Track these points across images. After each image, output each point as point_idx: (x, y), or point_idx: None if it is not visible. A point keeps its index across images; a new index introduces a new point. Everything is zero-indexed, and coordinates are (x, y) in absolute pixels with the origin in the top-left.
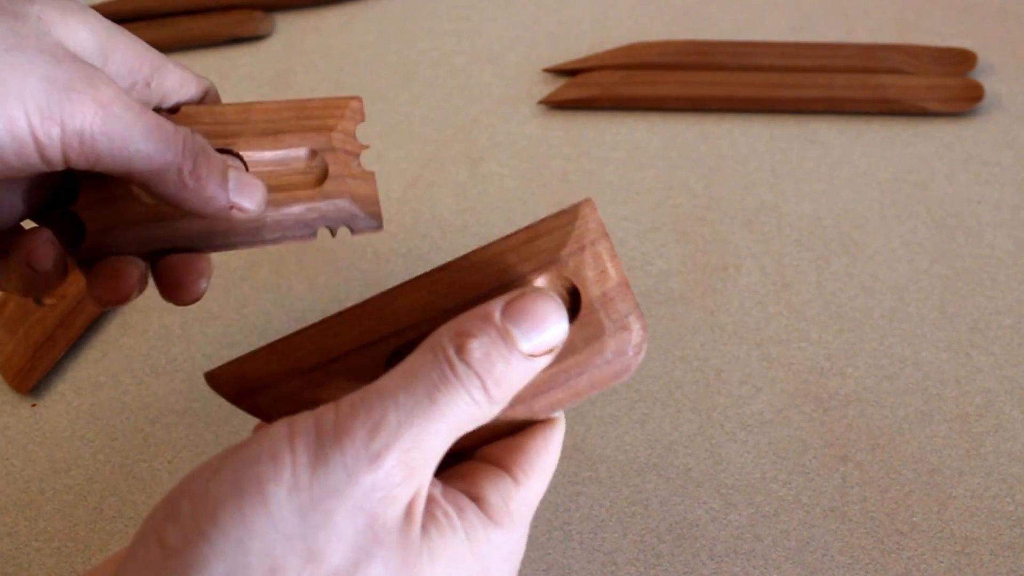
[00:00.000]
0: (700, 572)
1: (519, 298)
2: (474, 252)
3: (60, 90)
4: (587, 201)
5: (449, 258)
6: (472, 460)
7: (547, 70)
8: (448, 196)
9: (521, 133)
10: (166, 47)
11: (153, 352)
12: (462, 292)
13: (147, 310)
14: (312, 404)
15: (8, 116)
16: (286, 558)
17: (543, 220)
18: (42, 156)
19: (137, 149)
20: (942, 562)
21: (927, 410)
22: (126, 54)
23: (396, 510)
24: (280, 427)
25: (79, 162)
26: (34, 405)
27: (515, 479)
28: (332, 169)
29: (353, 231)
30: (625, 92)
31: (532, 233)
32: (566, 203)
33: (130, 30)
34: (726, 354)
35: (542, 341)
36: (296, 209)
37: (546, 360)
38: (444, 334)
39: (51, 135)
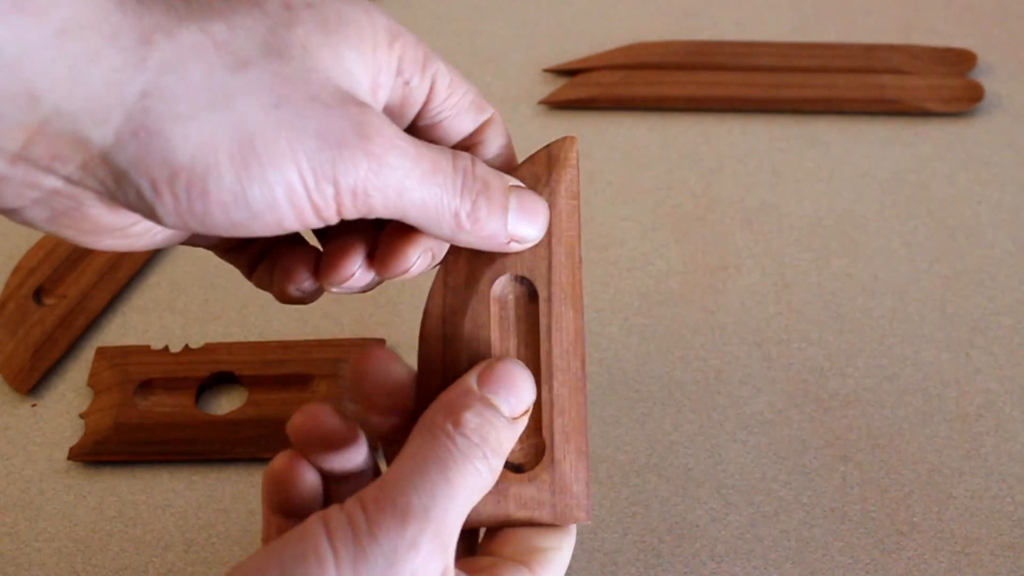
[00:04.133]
0: (700, 572)
1: (488, 367)
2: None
3: (332, 146)
4: None
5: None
6: (489, 555)
7: (547, 70)
8: None
9: (521, 133)
10: None
11: None
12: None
13: (147, 310)
14: None
15: (287, 183)
16: None
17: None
18: (319, 216)
19: (411, 198)
20: (942, 562)
21: (927, 410)
22: (392, 63)
23: None
24: (316, 526)
25: (352, 214)
26: (34, 405)
27: (533, 572)
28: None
29: None
30: (625, 92)
31: None
32: None
33: None
34: (726, 354)
35: (518, 403)
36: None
37: (524, 422)
38: (437, 413)
39: (326, 195)
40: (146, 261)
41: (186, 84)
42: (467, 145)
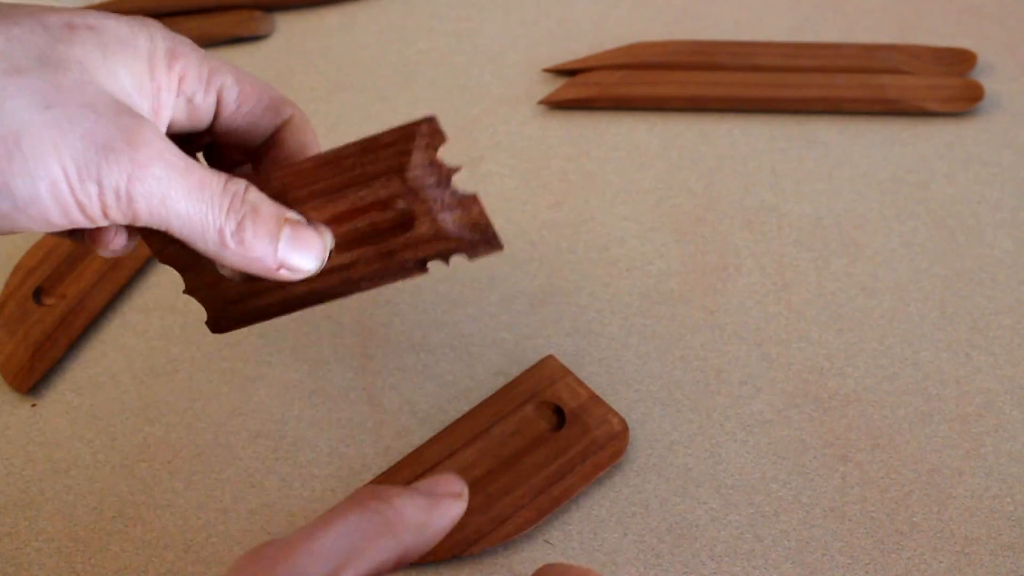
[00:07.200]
0: (700, 572)
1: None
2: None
3: (98, 148)
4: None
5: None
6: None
7: (547, 70)
8: None
9: (521, 133)
10: None
11: (153, 352)
12: (469, 427)
13: (147, 310)
14: None
15: (49, 178)
16: None
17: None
18: (84, 214)
19: (175, 210)
20: (942, 562)
21: (927, 410)
22: (172, 82)
23: None
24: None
25: (118, 219)
26: (34, 405)
27: None
28: (418, 210)
29: (471, 258)
30: (625, 92)
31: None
32: (566, 203)
33: None
34: (726, 354)
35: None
36: (392, 259)
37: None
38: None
39: (90, 194)
40: (146, 261)
41: None
42: (267, 148)
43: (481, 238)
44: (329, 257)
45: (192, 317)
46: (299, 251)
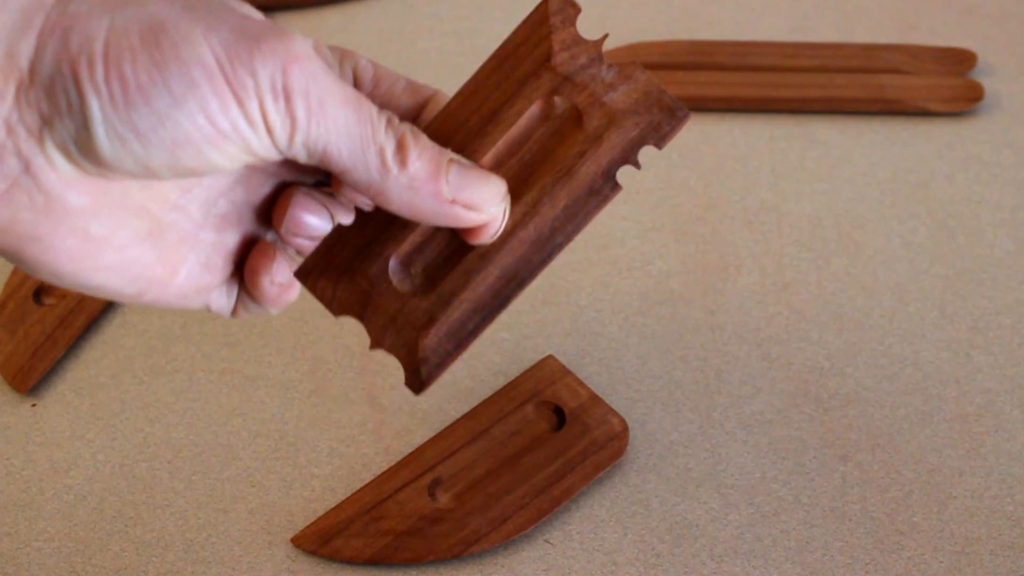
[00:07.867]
0: (700, 572)
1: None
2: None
3: (248, 39)
4: None
5: None
6: None
7: None
8: None
9: None
10: None
11: (153, 352)
12: (469, 427)
13: (147, 310)
14: (378, 531)
15: (200, 61)
16: None
17: None
18: (242, 110)
19: (334, 117)
20: (942, 562)
21: (927, 410)
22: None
23: None
24: None
25: (277, 127)
26: (34, 405)
27: None
28: (581, 101)
29: (660, 145)
30: None
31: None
32: None
33: None
34: (726, 354)
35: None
36: (575, 180)
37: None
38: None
39: (245, 85)
40: None
41: None
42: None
43: (660, 112)
44: (506, 215)
45: (192, 317)
46: (473, 187)
